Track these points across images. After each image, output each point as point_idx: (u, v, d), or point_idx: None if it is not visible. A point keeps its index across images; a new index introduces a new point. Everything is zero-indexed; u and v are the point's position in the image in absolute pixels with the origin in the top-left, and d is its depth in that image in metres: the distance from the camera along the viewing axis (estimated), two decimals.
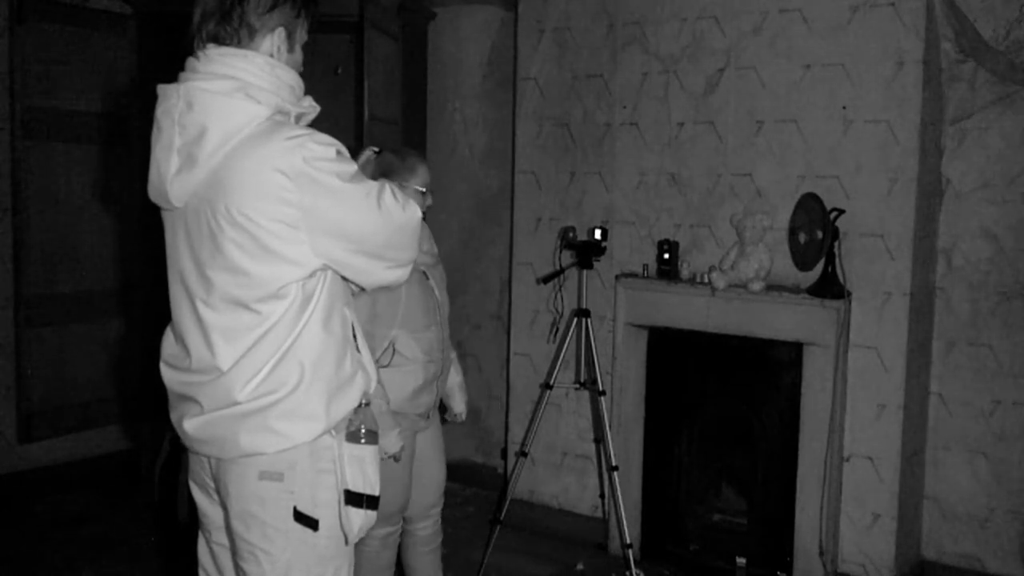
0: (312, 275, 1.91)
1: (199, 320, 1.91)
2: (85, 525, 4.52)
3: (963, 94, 3.80)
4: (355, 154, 2.50)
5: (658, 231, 4.24)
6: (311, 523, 1.92)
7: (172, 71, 1.97)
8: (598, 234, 3.85)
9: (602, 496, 4.40)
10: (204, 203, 1.87)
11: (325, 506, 1.94)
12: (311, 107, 2.00)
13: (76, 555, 4.18)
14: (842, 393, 3.77)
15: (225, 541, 2.06)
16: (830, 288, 3.72)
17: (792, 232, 3.83)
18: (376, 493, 2.00)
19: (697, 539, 4.18)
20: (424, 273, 3.08)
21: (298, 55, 2.01)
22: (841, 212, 3.71)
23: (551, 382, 3.91)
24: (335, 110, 4.35)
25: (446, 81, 5.23)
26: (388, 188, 1.97)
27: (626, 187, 4.32)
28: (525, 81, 4.60)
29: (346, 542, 2.01)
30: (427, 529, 3.26)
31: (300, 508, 1.92)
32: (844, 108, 3.75)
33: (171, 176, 1.88)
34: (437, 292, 3.10)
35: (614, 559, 4.20)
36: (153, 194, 1.96)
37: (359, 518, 1.97)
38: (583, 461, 4.50)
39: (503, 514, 3.94)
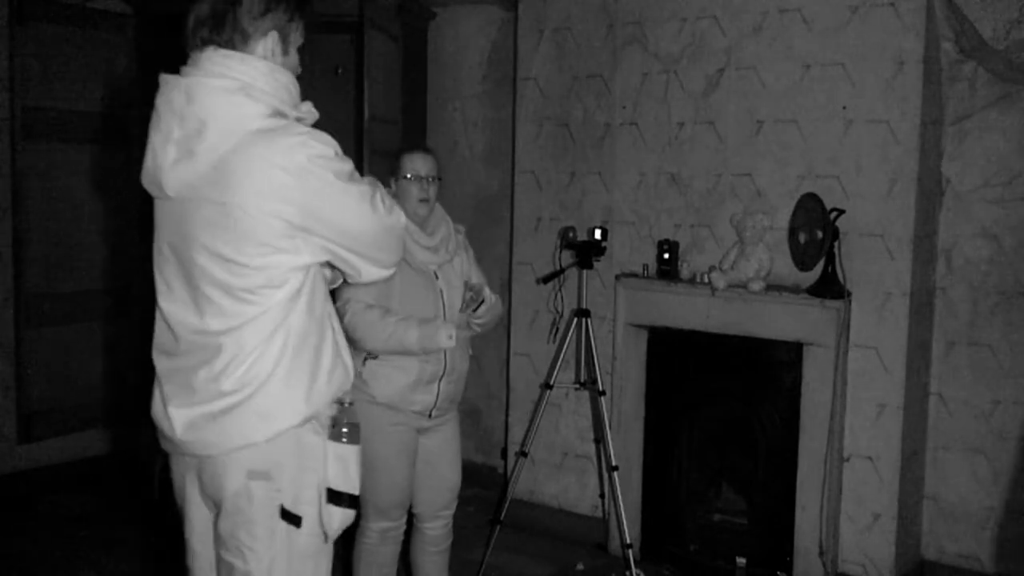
0: (306, 264, 1.96)
1: (196, 305, 1.95)
2: (85, 525, 4.52)
3: (963, 94, 3.80)
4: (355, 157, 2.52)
5: (658, 231, 4.24)
6: (295, 520, 1.97)
7: (173, 70, 1.98)
8: (598, 234, 3.85)
9: (602, 496, 4.40)
10: (200, 195, 1.90)
11: (308, 504, 1.99)
12: (309, 112, 2.04)
13: (76, 555, 4.18)
14: (842, 393, 3.77)
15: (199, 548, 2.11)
16: (830, 288, 3.72)
17: (792, 232, 3.83)
18: (356, 492, 2.05)
19: (697, 539, 4.17)
20: (434, 272, 3.06)
21: (293, 58, 2.04)
22: (841, 212, 3.71)
23: (551, 382, 3.91)
24: (335, 110, 4.35)
25: (446, 81, 5.23)
26: (378, 191, 2.03)
27: (626, 187, 4.32)
28: (525, 81, 4.60)
29: (326, 539, 2.05)
30: (436, 530, 3.25)
31: (286, 506, 1.97)
32: (844, 108, 3.75)
33: (168, 166, 1.92)
34: (445, 292, 3.08)
35: (614, 559, 4.20)
36: (146, 181, 1.99)
37: (339, 516, 2.03)
38: (583, 461, 4.50)
39: (503, 514, 3.94)
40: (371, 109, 4.61)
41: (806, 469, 3.83)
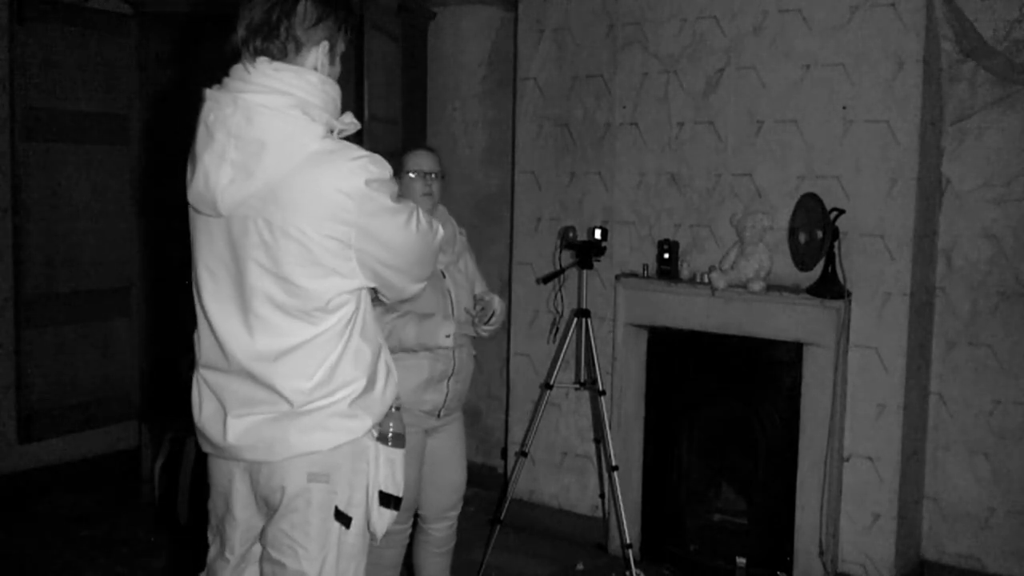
0: (357, 288, 2.00)
1: (246, 325, 1.96)
2: (85, 525, 4.51)
3: (963, 94, 3.80)
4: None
5: (658, 231, 4.24)
6: (346, 521, 2.03)
7: (173, 71, 1.98)
8: (598, 234, 3.85)
9: (602, 496, 4.40)
10: (256, 213, 1.90)
11: (357, 506, 2.05)
12: (352, 124, 2.05)
13: (76, 555, 4.18)
14: (842, 393, 3.77)
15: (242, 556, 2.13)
16: (830, 288, 3.72)
17: (792, 232, 3.83)
18: (401, 495, 2.12)
19: (697, 539, 4.17)
20: (441, 272, 3.08)
21: (337, 67, 2.05)
22: (841, 212, 3.71)
23: (551, 382, 3.92)
24: None
25: (446, 81, 5.23)
26: (418, 209, 2.08)
27: (626, 187, 4.32)
28: (525, 81, 4.60)
29: (376, 540, 2.14)
30: (441, 531, 3.26)
31: (340, 507, 2.02)
32: (844, 108, 3.75)
33: (223, 186, 1.91)
34: (453, 292, 3.09)
35: (614, 559, 4.20)
36: (196, 199, 1.97)
37: (388, 518, 2.11)
38: (583, 461, 4.50)
39: (503, 514, 3.94)
40: (371, 109, 4.61)
41: (806, 469, 3.83)
